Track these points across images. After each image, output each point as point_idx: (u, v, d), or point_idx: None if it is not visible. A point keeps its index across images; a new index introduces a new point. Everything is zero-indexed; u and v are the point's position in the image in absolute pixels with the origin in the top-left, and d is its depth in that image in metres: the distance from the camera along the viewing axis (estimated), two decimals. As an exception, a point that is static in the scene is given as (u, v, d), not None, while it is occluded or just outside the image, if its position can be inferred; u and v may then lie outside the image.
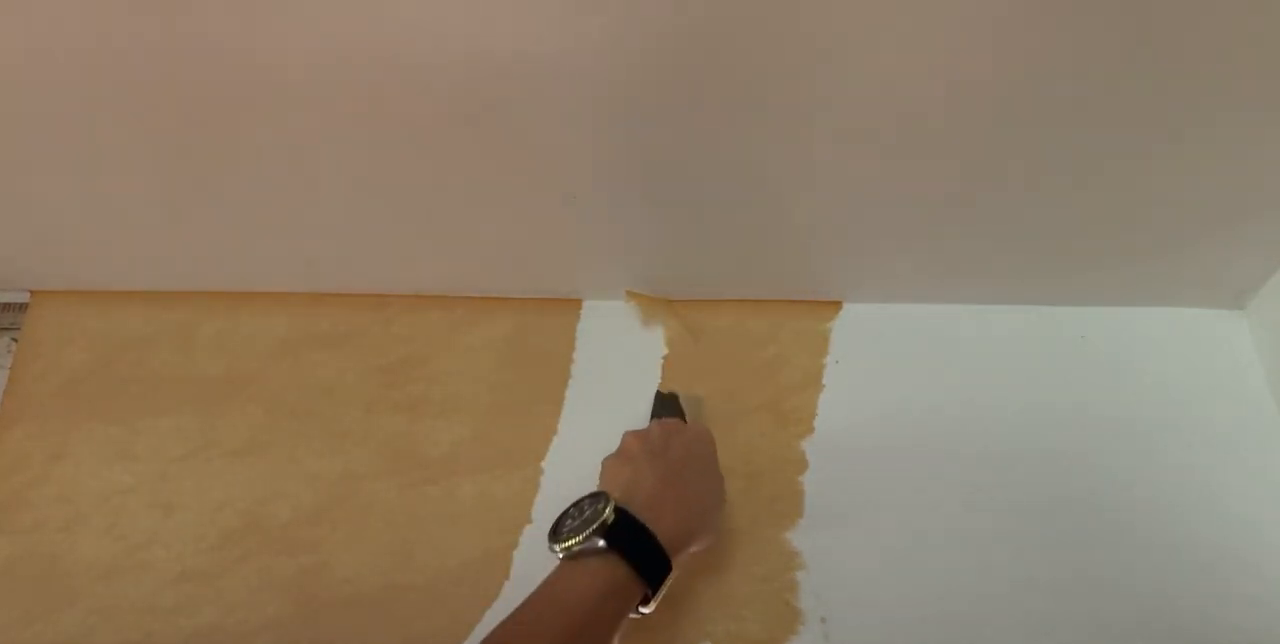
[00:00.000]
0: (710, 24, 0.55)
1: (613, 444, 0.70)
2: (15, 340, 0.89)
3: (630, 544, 0.56)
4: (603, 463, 0.68)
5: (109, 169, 0.72)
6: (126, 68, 0.61)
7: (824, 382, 0.81)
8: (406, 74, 0.60)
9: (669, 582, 0.58)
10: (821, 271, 0.82)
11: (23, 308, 0.91)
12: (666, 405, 0.78)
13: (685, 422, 0.75)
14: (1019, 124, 0.62)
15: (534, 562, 0.71)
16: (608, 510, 0.57)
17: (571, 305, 0.87)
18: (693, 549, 0.63)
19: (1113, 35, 0.54)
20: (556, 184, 0.71)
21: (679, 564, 0.60)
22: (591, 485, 0.66)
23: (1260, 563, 0.70)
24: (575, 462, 0.77)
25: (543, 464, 0.78)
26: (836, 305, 0.86)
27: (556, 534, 0.58)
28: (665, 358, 0.83)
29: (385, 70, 0.60)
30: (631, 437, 0.68)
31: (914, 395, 0.80)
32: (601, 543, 0.56)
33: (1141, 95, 0.59)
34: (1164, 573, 0.70)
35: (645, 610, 0.58)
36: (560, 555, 0.56)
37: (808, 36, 0.55)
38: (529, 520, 0.76)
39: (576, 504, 0.60)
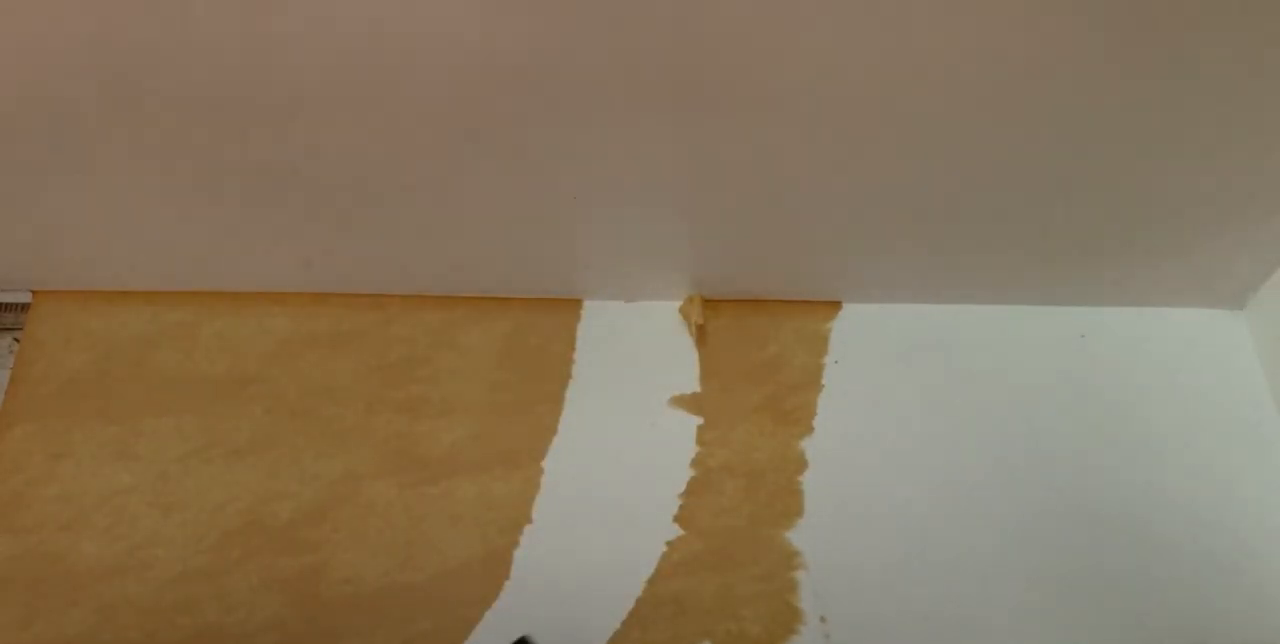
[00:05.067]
0: (711, 27, 0.55)
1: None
2: (17, 340, 0.89)
3: None
4: None
5: (110, 169, 0.72)
6: (128, 69, 0.61)
7: (824, 382, 0.81)
8: (407, 76, 0.60)
9: None
10: (821, 271, 0.82)
11: (25, 308, 0.91)
12: None
13: None
14: (1019, 125, 0.62)
15: (534, 562, 0.73)
16: None
17: (571, 305, 0.87)
18: None
19: (1115, 36, 0.54)
20: (557, 184, 0.71)
21: None
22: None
23: (1261, 561, 0.70)
24: (575, 462, 0.77)
25: (543, 464, 0.78)
26: (836, 305, 0.86)
27: None
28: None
29: (386, 73, 0.60)
30: None
31: (913, 395, 0.80)
32: None
33: (1142, 96, 0.59)
34: (1164, 571, 0.70)
35: None
36: None
37: (806, 37, 0.55)
38: (529, 520, 0.76)
39: None
